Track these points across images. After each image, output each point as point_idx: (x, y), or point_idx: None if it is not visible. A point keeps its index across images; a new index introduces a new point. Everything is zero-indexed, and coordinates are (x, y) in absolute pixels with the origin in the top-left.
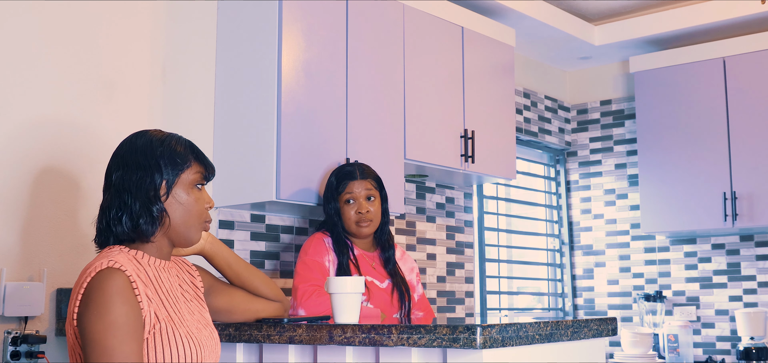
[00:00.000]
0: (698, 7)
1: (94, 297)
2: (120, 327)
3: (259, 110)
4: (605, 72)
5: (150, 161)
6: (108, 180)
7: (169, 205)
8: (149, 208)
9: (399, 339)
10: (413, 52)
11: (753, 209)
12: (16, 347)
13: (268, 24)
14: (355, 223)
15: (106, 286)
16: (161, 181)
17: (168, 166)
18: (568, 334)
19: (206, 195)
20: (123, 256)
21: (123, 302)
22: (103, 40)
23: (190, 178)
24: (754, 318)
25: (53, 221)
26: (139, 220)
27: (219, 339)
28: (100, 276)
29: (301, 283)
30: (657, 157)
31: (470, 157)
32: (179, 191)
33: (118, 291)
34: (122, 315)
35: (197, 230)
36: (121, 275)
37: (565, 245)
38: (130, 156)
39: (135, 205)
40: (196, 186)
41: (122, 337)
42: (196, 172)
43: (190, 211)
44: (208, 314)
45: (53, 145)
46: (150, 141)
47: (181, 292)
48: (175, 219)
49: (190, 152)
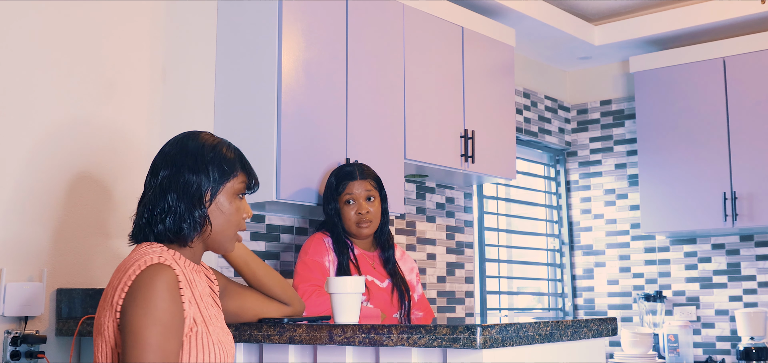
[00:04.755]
0: (698, 7)
1: (142, 290)
2: (164, 323)
3: (259, 110)
4: (605, 72)
5: (199, 166)
6: (153, 177)
7: (212, 212)
8: (193, 213)
9: (399, 339)
10: (413, 52)
11: (753, 209)
12: (16, 347)
13: (268, 24)
14: (355, 224)
15: (155, 281)
16: (208, 187)
17: (216, 173)
18: (568, 334)
19: (246, 205)
20: (167, 254)
21: (170, 299)
22: (103, 41)
23: (235, 187)
24: (754, 318)
25: (53, 221)
26: (183, 224)
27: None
28: (150, 270)
29: (301, 283)
30: (657, 157)
31: (470, 157)
32: (223, 199)
33: (167, 287)
34: (167, 312)
35: (232, 240)
36: (170, 272)
37: (565, 245)
38: (180, 157)
39: (180, 207)
40: (239, 195)
41: (164, 333)
42: (241, 182)
43: (230, 220)
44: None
45: (53, 145)
46: (202, 146)
47: (210, 294)
48: (216, 226)
49: (238, 161)
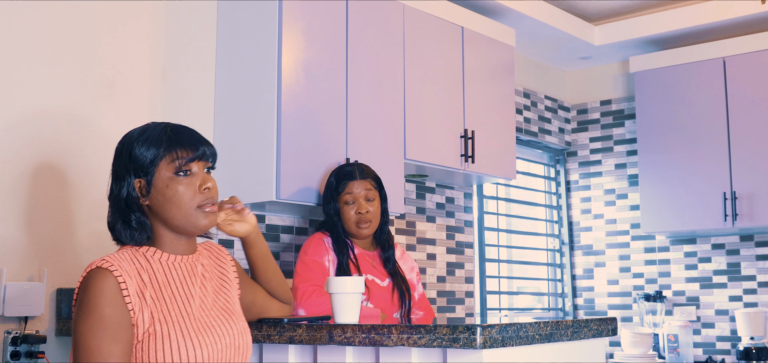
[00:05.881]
0: (698, 7)
1: (82, 296)
2: (103, 328)
3: (259, 110)
4: (605, 72)
5: (121, 170)
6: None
7: (156, 204)
8: (129, 221)
9: (399, 339)
10: (413, 52)
11: (753, 209)
12: (16, 347)
13: (268, 24)
14: (354, 224)
15: (92, 287)
16: (135, 187)
17: (139, 171)
18: (568, 334)
19: (198, 178)
20: (125, 254)
21: (107, 303)
22: (103, 40)
23: (165, 173)
24: (754, 318)
25: (53, 221)
26: (125, 232)
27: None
28: (89, 276)
29: (301, 283)
30: (657, 157)
31: (470, 157)
32: (160, 188)
33: (102, 291)
34: (105, 316)
35: (199, 216)
36: (108, 276)
37: (565, 245)
38: (114, 164)
39: (116, 215)
40: (178, 174)
41: (103, 338)
42: (171, 162)
43: (179, 202)
44: (237, 301)
45: (54, 145)
46: (122, 146)
47: (201, 283)
48: (169, 214)
49: (161, 145)
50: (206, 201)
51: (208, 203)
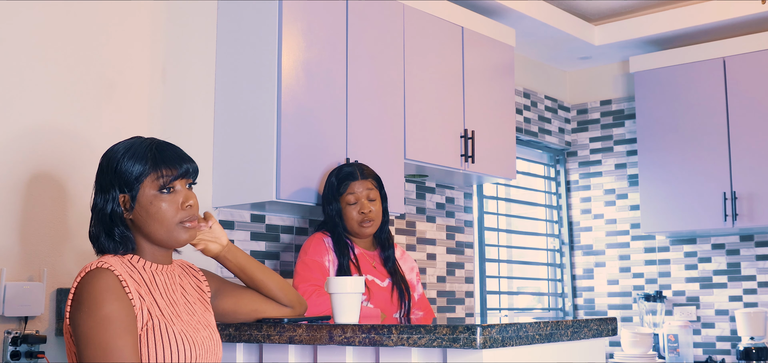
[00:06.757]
0: (698, 7)
1: (84, 296)
2: (113, 322)
3: (259, 110)
4: (605, 72)
5: (106, 184)
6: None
7: (139, 219)
8: (111, 232)
9: (399, 339)
10: (413, 52)
11: (753, 209)
12: (16, 347)
13: (268, 24)
14: (357, 224)
15: (95, 284)
16: (120, 201)
17: (124, 186)
18: (568, 334)
19: (180, 195)
20: (115, 259)
21: (114, 298)
22: (102, 41)
23: (149, 191)
24: (754, 318)
25: (53, 221)
26: (108, 244)
27: (220, 341)
28: (90, 275)
29: (300, 283)
30: (657, 157)
31: (470, 157)
32: (144, 203)
33: (108, 288)
34: (114, 311)
35: (179, 232)
36: (109, 274)
37: (565, 245)
38: (98, 177)
39: (99, 227)
40: (161, 191)
41: (116, 331)
42: (156, 180)
43: (162, 219)
44: (213, 318)
45: (54, 145)
46: (108, 160)
47: (182, 292)
48: (150, 229)
49: (148, 162)
50: (188, 217)
51: (187, 220)
